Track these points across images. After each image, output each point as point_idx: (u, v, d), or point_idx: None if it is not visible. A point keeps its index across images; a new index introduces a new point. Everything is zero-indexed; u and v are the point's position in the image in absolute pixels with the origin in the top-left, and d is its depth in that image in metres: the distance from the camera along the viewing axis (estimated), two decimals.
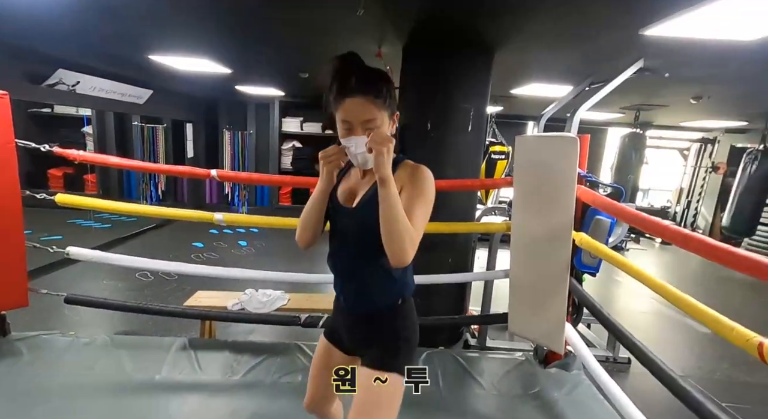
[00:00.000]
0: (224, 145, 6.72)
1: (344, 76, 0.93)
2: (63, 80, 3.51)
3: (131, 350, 2.14)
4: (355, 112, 0.92)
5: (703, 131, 7.11)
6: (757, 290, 4.79)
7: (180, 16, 2.38)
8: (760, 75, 2.88)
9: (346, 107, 0.92)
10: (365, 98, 0.91)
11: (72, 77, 3.59)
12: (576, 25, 2.12)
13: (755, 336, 0.99)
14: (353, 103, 0.92)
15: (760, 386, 2.63)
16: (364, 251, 1.02)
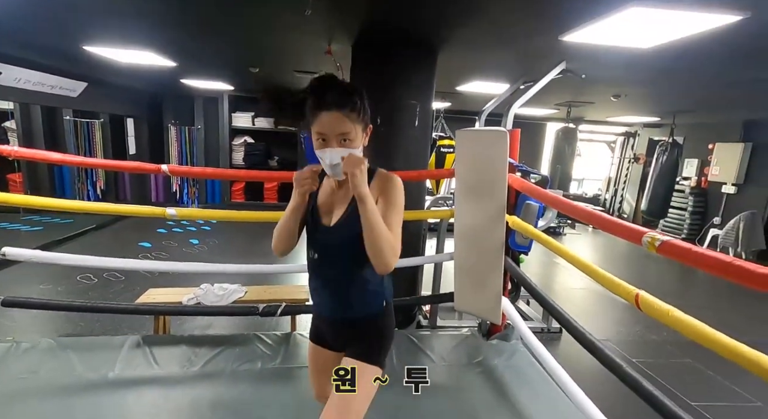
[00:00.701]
0: (170, 141, 6.43)
1: (321, 90, 0.96)
2: None
3: (79, 351, 2.09)
4: (330, 125, 0.95)
5: (626, 126, 7.92)
6: (665, 261, 5.49)
7: (119, 5, 2.30)
8: (657, 79, 3.33)
9: (321, 120, 0.95)
10: (340, 112, 0.95)
11: None
12: (506, 31, 2.36)
13: (633, 289, 1.24)
14: (329, 116, 0.95)
15: (665, 342, 3.09)
16: (346, 264, 1.07)
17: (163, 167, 1.91)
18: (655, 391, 1.24)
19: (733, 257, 0.94)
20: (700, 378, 2.63)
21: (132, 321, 2.86)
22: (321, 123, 0.96)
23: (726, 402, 2.36)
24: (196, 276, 3.06)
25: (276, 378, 2.03)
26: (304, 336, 2.38)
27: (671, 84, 3.65)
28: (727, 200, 6.03)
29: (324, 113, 0.95)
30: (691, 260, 1.02)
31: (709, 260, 0.98)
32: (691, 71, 3.00)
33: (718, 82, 3.32)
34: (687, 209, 6.54)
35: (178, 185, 6.55)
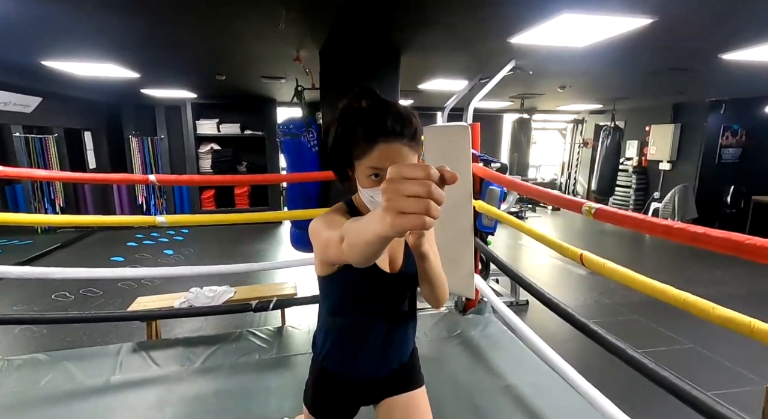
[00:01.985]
0: (132, 152, 6.26)
1: (375, 115, 0.77)
2: None
3: (76, 361, 2.13)
4: (389, 158, 0.75)
5: (574, 113, 8.54)
6: (618, 235, 6.06)
7: (83, 22, 2.33)
8: (593, 71, 3.74)
9: (378, 152, 0.76)
10: (401, 142, 0.76)
11: None
12: (461, 35, 2.61)
13: (579, 250, 1.51)
14: (387, 148, 0.76)
15: (616, 304, 3.51)
16: (406, 311, 0.97)
17: (151, 177, 1.99)
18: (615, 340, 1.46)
19: (647, 215, 1.22)
20: (645, 330, 3.04)
21: (121, 332, 2.88)
22: (378, 156, 0.76)
23: (664, 347, 2.77)
24: (179, 285, 3.12)
25: (275, 366, 2.18)
26: (295, 327, 2.55)
27: (606, 75, 4.08)
28: (664, 176, 6.71)
29: (381, 144, 0.76)
30: (617, 221, 1.30)
31: (628, 219, 1.25)
32: (619, 64, 3.40)
33: (643, 72, 3.77)
34: (631, 187, 7.19)
35: (145, 197, 6.40)
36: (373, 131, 0.76)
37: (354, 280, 0.88)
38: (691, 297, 1.02)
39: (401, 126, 0.77)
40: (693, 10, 1.98)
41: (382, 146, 0.76)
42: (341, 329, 0.95)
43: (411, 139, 0.78)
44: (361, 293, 0.91)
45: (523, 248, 5.52)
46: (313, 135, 3.00)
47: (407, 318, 0.98)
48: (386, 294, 0.92)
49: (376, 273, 0.88)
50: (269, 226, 6.48)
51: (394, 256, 0.91)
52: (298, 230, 3.28)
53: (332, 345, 0.97)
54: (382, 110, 0.78)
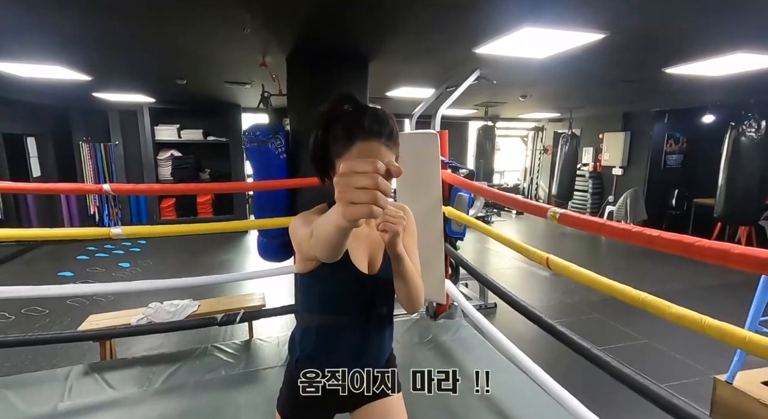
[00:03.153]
0: (83, 159, 5.86)
1: (354, 117, 0.81)
2: None
3: (16, 389, 1.94)
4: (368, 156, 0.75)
5: (534, 121, 8.94)
6: (578, 238, 6.37)
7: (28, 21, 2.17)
8: (552, 81, 3.94)
9: (357, 150, 0.79)
10: (378, 141, 0.79)
11: None
12: (427, 45, 2.67)
13: (544, 254, 1.57)
14: (367, 147, 0.79)
15: (577, 303, 3.67)
16: (386, 314, 0.97)
17: (105, 187, 1.86)
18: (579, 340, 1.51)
19: (604, 219, 1.28)
20: (605, 328, 3.20)
21: (70, 354, 2.67)
22: (357, 154, 0.79)
23: (622, 343, 2.92)
24: (137, 300, 2.94)
25: (243, 382, 2.09)
26: (264, 340, 2.46)
27: (564, 85, 4.31)
28: (617, 181, 7.15)
29: (359, 142, 0.79)
30: (580, 225, 1.36)
31: (590, 223, 1.32)
32: (576, 75, 3.61)
33: (596, 82, 4.02)
34: (588, 191, 7.61)
35: (97, 207, 6.00)
36: (353, 130, 0.79)
37: (332, 279, 0.90)
38: (648, 297, 1.08)
39: (379, 126, 0.80)
40: (639, 28, 2.14)
41: (361, 144, 0.79)
42: (318, 328, 0.95)
43: (388, 138, 0.81)
44: (339, 293, 0.92)
45: (489, 251, 5.67)
46: (281, 142, 2.94)
47: (384, 323, 0.99)
48: (363, 296, 0.93)
49: (354, 274, 0.89)
50: (235, 235, 6.25)
51: (373, 258, 0.93)
52: (266, 239, 3.18)
53: (308, 344, 0.97)
54: (361, 111, 0.82)
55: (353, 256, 0.89)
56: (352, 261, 0.89)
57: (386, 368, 1.01)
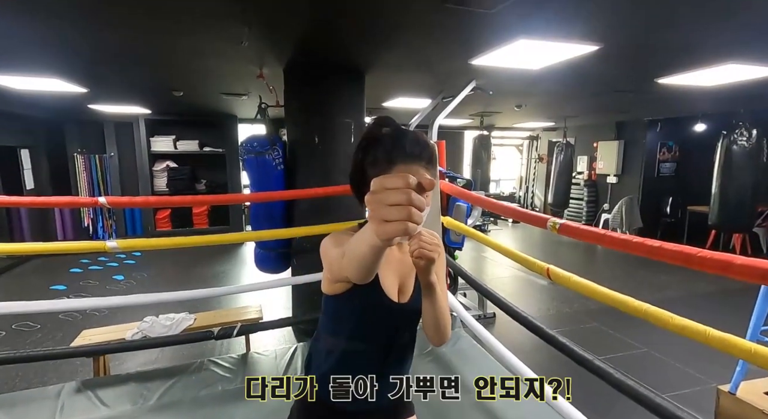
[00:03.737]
0: (77, 171, 5.82)
1: (395, 140, 0.82)
2: None
3: (7, 408, 1.89)
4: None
5: (529, 130, 9.03)
6: (574, 246, 6.39)
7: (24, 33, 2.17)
8: (547, 92, 4.00)
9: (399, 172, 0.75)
10: (419, 164, 0.80)
11: None
12: (423, 57, 2.70)
13: (545, 264, 1.57)
14: (407, 170, 0.78)
15: (576, 312, 3.66)
16: (409, 340, 0.95)
17: (101, 200, 1.84)
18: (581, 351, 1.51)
19: (607, 230, 1.28)
20: (604, 337, 3.18)
21: (62, 370, 2.61)
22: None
23: (622, 352, 2.91)
24: (132, 313, 2.89)
25: (240, 397, 2.02)
26: (261, 353, 2.42)
27: (558, 95, 4.37)
28: (612, 189, 7.21)
29: (399, 165, 0.79)
30: (580, 236, 1.36)
31: (590, 233, 1.32)
32: (570, 85, 3.66)
33: (590, 92, 4.07)
34: (583, 199, 7.66)
35: (91, 219, 5.94)
36: (393, 153, 0.81)
37: (359, 305, 0.88)
38: (651, 308, 1.07)
39: (419, 149, 0.81)
40: (632, 40, 2.18)
41: (401, 167, 0.79)
42: (341, 352, 0.92)
43: (428, 162, 0.82)
44: (366, 320, 0.90)
45: (486, 260, 5.66)
46: (278, 153, 2.94)
47: (406, 351, 0.97)
48: (391, 324, 0.91)
49: (383, 301, 0.87)
50: (231, 246, 6.20)
51: (404, 285, 0.91)
52: (263, 250, 3.16)
53: (328, 367, 0.94)
54: (401, 134, 0.83)
55: (383, 283, 0.87)
56: (382, 288, 0.87)
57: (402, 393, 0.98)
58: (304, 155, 2.93)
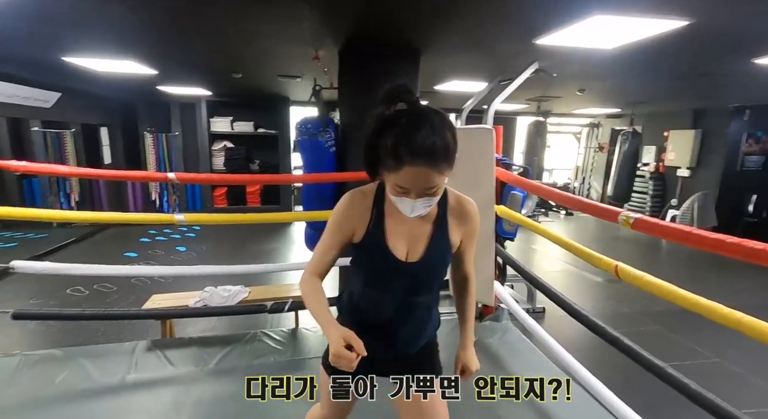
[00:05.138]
0: (146, 148, 6.30)
1: (405, 135, 0.75)
2: None
3: (91, 359, 2.12)
4: (415, 182, 0.78)
5: (590, 117, 8.40)
6: (633, 241, 5.94)
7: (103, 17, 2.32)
8: (618, 74, 3.65)
9: (403, 175, 0.77)
10: (428, 166, 0.76)
11: None
12: (483, 36, 2.56)
13: (613, 261, 1.45)
14: (415, 172, 0.76)
15: (635, 313, 3.41)
16: (422, 297, 0.97)
17: (170, 175, 1.97)
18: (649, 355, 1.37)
19: (692, 227, 1.15)
20: (667, 342, 2.94)
21: (135, 328, 2.88)
22: (404, 178, 0.78)
23: (689, 361, 2.67)
24: (191, 282, 3.11)
25: (290, 369, 2.15)
26: (310, 329, 2.51)
27: (630, 79, 3.99)
28: (683, 183, 6.56)
29: (408, 167, 0.76)
30: (660, 233, 1.24)
31: (674, 231, 1.19)
32: (646, 67, 3.32)
33: (669, 76, 3.67)
34: (648, 193, 7.05)
35: (158, 194, 6.44)
36: (400, 152, 0.76)
37: (369, 258, 0.95)
38: (745, 318, 0.95)
39: (431, 148, 0.75)
40: (734, 12, 1.90)
41: (408, 168, 0.76)
42: (360, 295, 0.99)
43: (442, 159, 0.77)
44: (375, 272, 0.96)
45: (535, 253, 5.43)
46: (331, 135, 2.97)
47: (422, 307, 0.99)
48: (400, 279, 0.94)
49: (390, 259, 0.92)
50: (280, 226, 6.46)
51: (413, 248, 0.93)
52: (313, 230, 3.25)
53: (352, 305, 1.02)
54: (415, 125, 0.76)
55: (390, 242, 0.92)
56: (389, 248, 0.92)
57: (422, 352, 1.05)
58: (356, 138, 2.92)
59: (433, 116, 0.78)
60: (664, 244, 6.03)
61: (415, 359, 1.04)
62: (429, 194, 0.81)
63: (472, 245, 1.00)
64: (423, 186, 0.79)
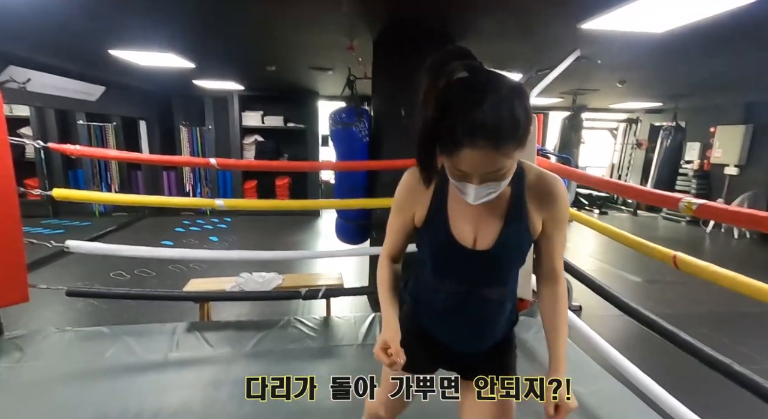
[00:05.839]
0: (182, 141, 6.52)
1: (464, 112, 0.64)
2: (13, 77, 3.31)
3: (135, 337, 2.21)
4: (477, 166, 0.68)
5: (627, 112, 8.05)
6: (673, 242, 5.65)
7: (148, 11, 2.40)
8: (667, 61, 3.45)
9: (463, 158, 0.67)
10: (491, 149, 0.65)
11: (23, 74, 3.39)
12: (524, 20, 2.47)
13: (671, 252, 1.37)
14: (476, 155, 0.65)
15: (679, 316, 3.24)
16: (494, 289, 0.88)
17: (212, 161, 2.02)
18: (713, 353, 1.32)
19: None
20: (716, 347, 2.75)
21: (173, 311, 2.98)
22: (463, 161, 0.68)
23: (745, 366, 2.50)
24: (224, 269, 3.19)
25: (324, 356, 2.16)
26: (341, 317, 2.52)
27: (675, 68, 3.77)
28: (730, 182, 6.18)
29: (467, 150, 0.65)
30: (728, 219, 1.15)
31: (744, 216, 1.11)
32: (699, 53, 3.12)
33: (725, 63, 3.44)
34: (690, 192, 6.68)
35: (191, 185, 6.65)
36: (459, 134, 0.64)
37: (431, 242, 0.87)
38: None
39: (495, 130, 0.63)
40: None
41: (468, 151, 0.65)
42: (424, 283, 0.93)
43: (508, 143, 0.65)
44: (438, 256, 0.88)
45: (567, 249, 5.24)
46: (364, 125, 2.96)
47: (493, 301, 0.89)
48: (466, 267, 0.85)
49: (455, 245, 0.83)
50: (307, 218, 6.55)
51: (481, 234, 0.82)
52: (344, 221, 3.26)
53: (416, 295, 0.97)
54: (475, 102, 0.63)
55: (454, 227, 0.83)
56: (453, 234, 0.83)
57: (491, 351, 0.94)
58: (390, 128, 2.91)
59: (499, 85, 0.65)
60: (707, 244, 5.71)
61: (485, 357, 0.93)
62: (494, 179, 0.70)
63: (559, 233, 0.83)
64: (486, 170, 0.68)
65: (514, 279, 0.91)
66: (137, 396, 1.74)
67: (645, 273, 4.23)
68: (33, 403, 1.70)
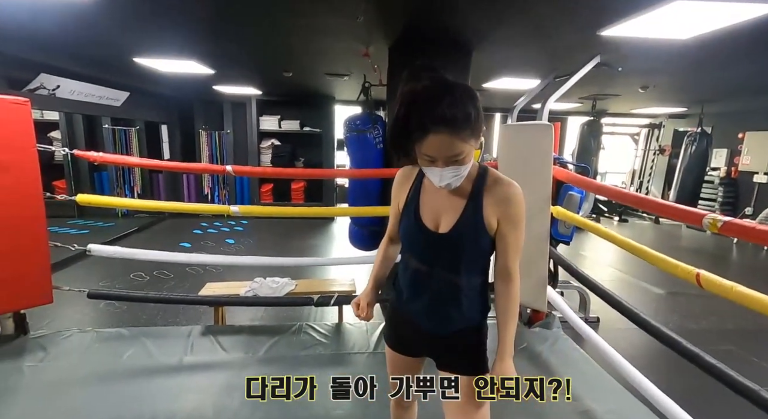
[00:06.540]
0: (201, 145, 6.67)
1: (427, 105, 0.81)
2: (44, 85, 3.46)
3: (152, 339, 2.26)
4: (440, 149, 0.83)
5: (650, 117, 7.82)
6: (697, 253, 5.44)
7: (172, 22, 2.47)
8: (692, 67, 3.35)
9: (428, 143, 0.83)
10: (450, 133, 0.81)
11: (53, 81, 3.54)
12: (542, 28, 2.44)
13: (693, 269, 1.32)
14: (438, 140, 0.82)
15: (703, 331, 3.11)
16: (453, 274, 0.97)
17: (227, 168, 2.05)
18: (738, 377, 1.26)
19: None
20: (743, 365, 2.65)
21: (188, 314, 3.04)
22: (428, 146, 0.83)
23: None
24: (239, 273, 3.23)
25: (336, 362, 2.16)
26: (353, 324, 2.52)
27: (703, 73, 3.65)
28: (759, 190, 5.93)
29: (431, 135, 0.82)
30: (755, 238, 1.10)
31: None
32: (726, 59, 3.01)
33: (753, 68, 3.31)
34: (716, 200, 6.44)
35: (210, 188, 6.79)
36: (424, 122, 0.81)
37: (404, 225, 1.03)
38: None
39: (452, 117, 0.80)
40: None
41: (433, 137, 0.82)
42: (404, 267, 1.06)
43: (463, 127, 0.81)
44: (409, 240, 1.03)
45: (585, 259, 5.13)
46: (379, 131, 2.97)
47: (452, 285, 0.98)
48: (430, 250, 0.98)
49: (420, 227, 0.98)
50: (321, 222, 6.59)
51: (442, 220, 0.96)
52: (357, 227, 3.26)
53: (398, 273, 1.10)
54: (435, 98, 0.81)
55: (422, 213, 0.98)
56: (421, 217, 0.98)
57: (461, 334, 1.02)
58: None
59: (454, 88, 0.83)
60: (734, 257, 5.49)
61: (450, 342, 1.03)
62: (456, 162, 0.85)
63: (512, 234, 0.94)
64: (447, 154, 0.84)
65: (475, 271, 0.99)
66: (152, 399, 1.78)
67: (668, 284, 4.08)
68: (53, 402, 1.75)
